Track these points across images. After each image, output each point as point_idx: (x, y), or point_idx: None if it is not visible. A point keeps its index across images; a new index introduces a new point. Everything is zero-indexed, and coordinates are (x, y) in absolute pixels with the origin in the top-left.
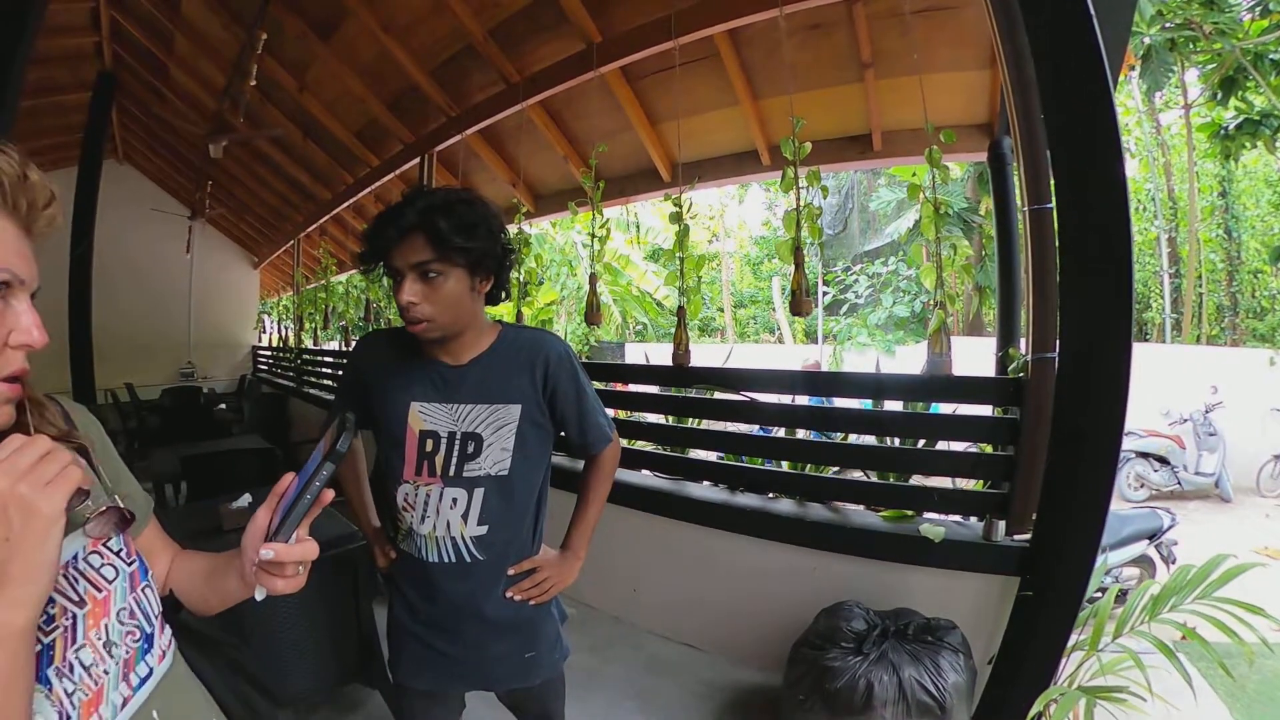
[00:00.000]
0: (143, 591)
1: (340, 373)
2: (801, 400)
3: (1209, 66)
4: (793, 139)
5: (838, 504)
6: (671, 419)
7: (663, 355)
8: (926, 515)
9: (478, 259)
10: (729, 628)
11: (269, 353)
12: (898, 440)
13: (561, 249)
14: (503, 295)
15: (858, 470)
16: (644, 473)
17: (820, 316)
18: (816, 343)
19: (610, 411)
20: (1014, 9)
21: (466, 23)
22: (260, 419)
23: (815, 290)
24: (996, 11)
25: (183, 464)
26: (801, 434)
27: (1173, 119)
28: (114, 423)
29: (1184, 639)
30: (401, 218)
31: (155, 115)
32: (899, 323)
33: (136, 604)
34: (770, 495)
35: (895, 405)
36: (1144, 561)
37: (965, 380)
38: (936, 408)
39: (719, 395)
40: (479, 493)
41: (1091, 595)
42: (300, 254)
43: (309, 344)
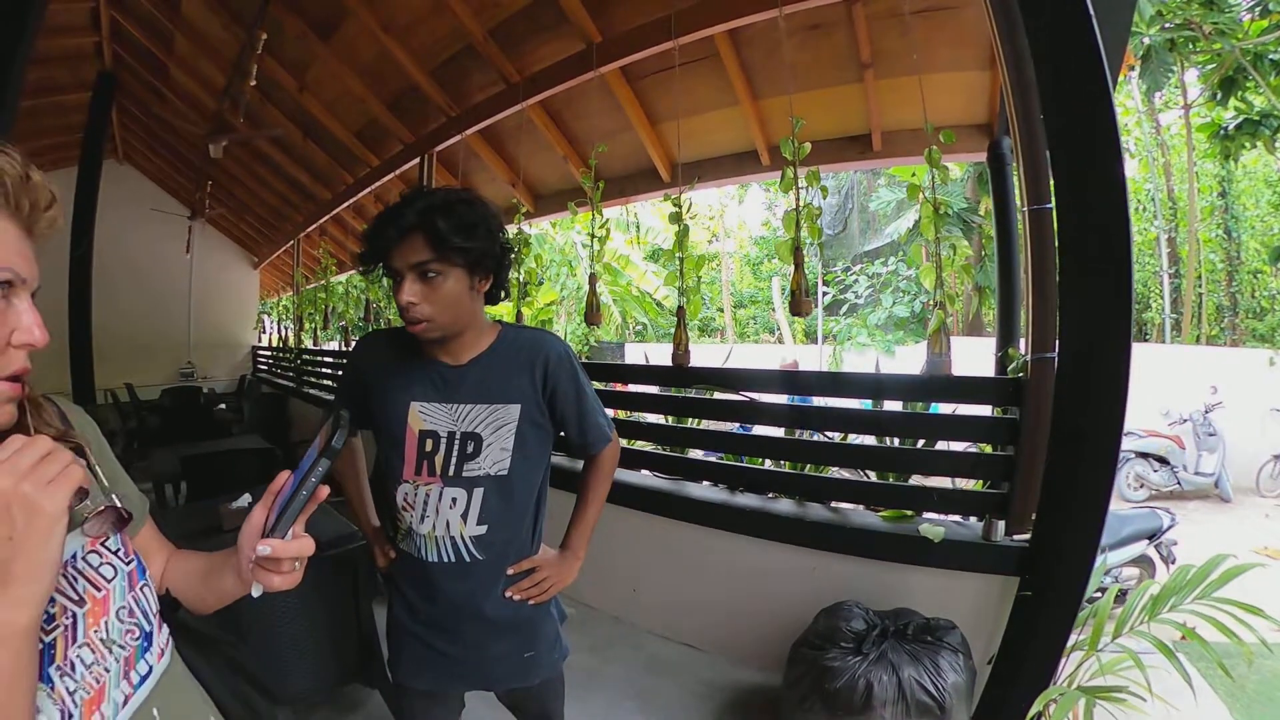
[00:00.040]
0: (141, 590)
1: (340, 373)
2: (795, 400)
3: (1209, 67)
4: (792, 139)
5: (837, 504)
6: (671, 419)
7: (662, 355)
8: (926, 515)
9: (477, 259)
10: (729, 628)
11: (269, 353)
12: (897, 440)
13: (561, 249)
14: (502, 295)
15: (856, 470)
16: (644, 473)
17: (820, 317)
18: (816, 343)
19: (610, 411)
20: (1014, 11)
21: (466, 23)
22: (260, 419)
23: (815, 290)
24: (996, 14)
25: (182, 464)
26: (801, 434)
27: (1172, 119)
28: (114, 423)
29: (1184, 639)
30: (401, 218)
31: (155, 115)
32: (899, 323)
33: (135, 602)
34: (770, 495)
35: (895, 405)
36: (1144, 561)
37: (965, 380)
38: (936, 408)
39: (718, 395)
40: (478, 492)
41: (1091, 595)
42: (300, 254)
43: (309, 344)
